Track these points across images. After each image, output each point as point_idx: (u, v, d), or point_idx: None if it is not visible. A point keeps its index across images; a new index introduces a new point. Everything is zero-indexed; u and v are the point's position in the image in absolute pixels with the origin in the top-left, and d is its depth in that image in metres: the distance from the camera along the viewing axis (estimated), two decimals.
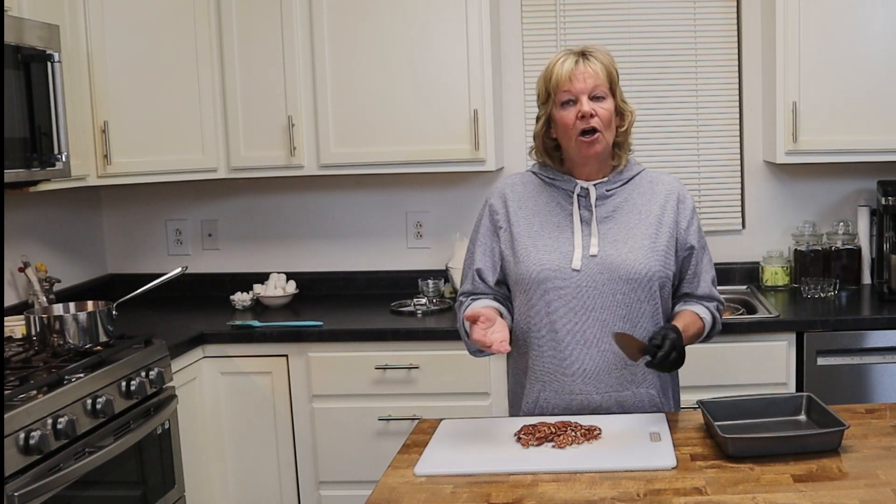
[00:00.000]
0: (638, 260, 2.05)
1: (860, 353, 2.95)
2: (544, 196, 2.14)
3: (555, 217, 2.11)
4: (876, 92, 3.12)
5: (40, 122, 2.62)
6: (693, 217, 2.15)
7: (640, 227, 2.08)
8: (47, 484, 2.15)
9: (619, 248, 2.06)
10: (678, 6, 3.51)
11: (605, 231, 2.08)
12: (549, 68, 2.08)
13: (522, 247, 2.09)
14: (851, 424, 1.86)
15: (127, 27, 3.11)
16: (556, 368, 2.08)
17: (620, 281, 2.04)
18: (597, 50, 2.08)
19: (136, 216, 3.79)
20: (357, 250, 3.71)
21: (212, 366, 3.13)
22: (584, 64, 2.04)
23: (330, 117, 3.29)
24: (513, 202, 2.15)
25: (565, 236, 2.08)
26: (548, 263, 2.06)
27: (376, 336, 3.09)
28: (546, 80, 2.08)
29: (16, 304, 3.13)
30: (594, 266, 2.05)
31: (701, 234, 2.18)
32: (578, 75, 2.02)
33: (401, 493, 1.71)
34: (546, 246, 2.08)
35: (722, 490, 1.64)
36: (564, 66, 2.04)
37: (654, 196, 2.12)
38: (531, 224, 2.11)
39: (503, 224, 2.14)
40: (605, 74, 2.05)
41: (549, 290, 2.06)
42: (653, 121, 3.54)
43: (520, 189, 2.17)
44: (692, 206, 2.16)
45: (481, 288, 2.16)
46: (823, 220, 3.52)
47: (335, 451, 3.13)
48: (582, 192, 2.10)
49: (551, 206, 2.12)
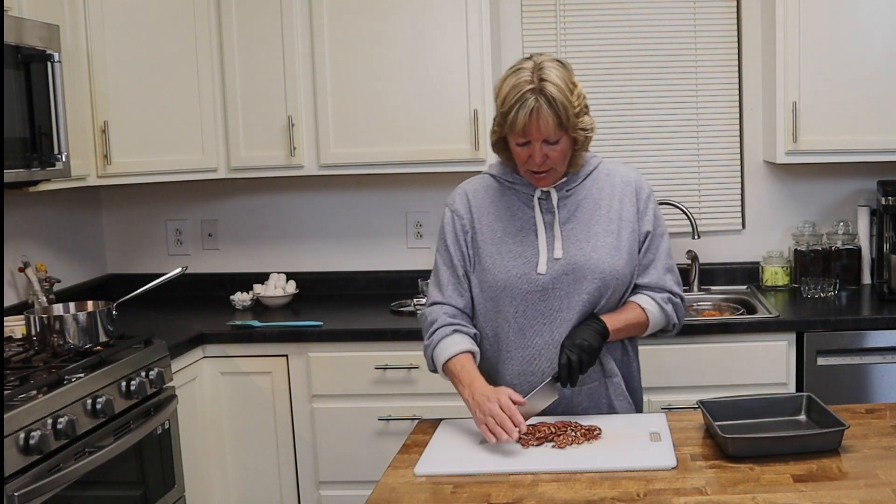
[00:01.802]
0: (602, 259, 2.04)
1: (860, 353, 2.95)
2: (505, 200, 2.11)
3: (517, 221, 2.09)
4: (876, 92, 3.12)
5: (40, 122, 2.61)
6: (649, 203, 2.12)
7: (601, 223, 2.07)
8: (47, 484, 2.15)
9: (583, 247, 2.05)
10: (678, 6, 3.51)
11: (568, 232, 2.07)
12: (504, 95, 1.95)
13: (487, 254, 2.08)
14: (851, 424, 1.86)
15: (127, 27, 3.11)
16: (526, 370, 2.07)
17: (586, 281, 2.04)
18: (551, 81, 1.93)
19: (136, 216, 3.79)
20: (357, 250, 3.71)
21: (212, 366, 3.13)
22: (536, 114, 1.92)
23: (330, 117, 3.29)
24: (476, 208, 2.12)
25: (529, 240, 2.07)
26: (513, 270, 2.05)
27: (376, 336, 3.08)
28: (500, 108, 1.97)
29: (16, 304, 3.13)
30: (559, 268, 2.04)
31: (658, 221, 2.14)
32: (532, 129, 1.94)
33: (401, 493, 1.72)
34: (511, 252, 2.06)
35: (722, 490, 1.65)
36: (520, 115, 1.92)
37: (613, 189, 2.11)
38: (494, 230, 2.09)
39: (468, 229, 2.12)
40: (558, 123, 1.94)
41: (516, 296, 2.05)
42: (653, 121, 3.55)
43: (481, 194, 2.14)
44: (648, 192, 2.13)
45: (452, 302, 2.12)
46: (823, 220, 3.52)
47: (335, 451, 3.13)
48: (542, 195, 2.09)
49: (513, 210, 2.10)
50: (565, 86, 1.95)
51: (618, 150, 3.55)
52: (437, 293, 2.14)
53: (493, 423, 1.87)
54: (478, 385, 1.98)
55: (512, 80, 1.96)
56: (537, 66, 1.96)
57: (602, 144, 3.54)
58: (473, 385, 1.98)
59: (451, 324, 2.09)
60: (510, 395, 1.92)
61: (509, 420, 1.86)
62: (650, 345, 2.91)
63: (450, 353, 2.05)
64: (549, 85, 1.93)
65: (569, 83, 1.97)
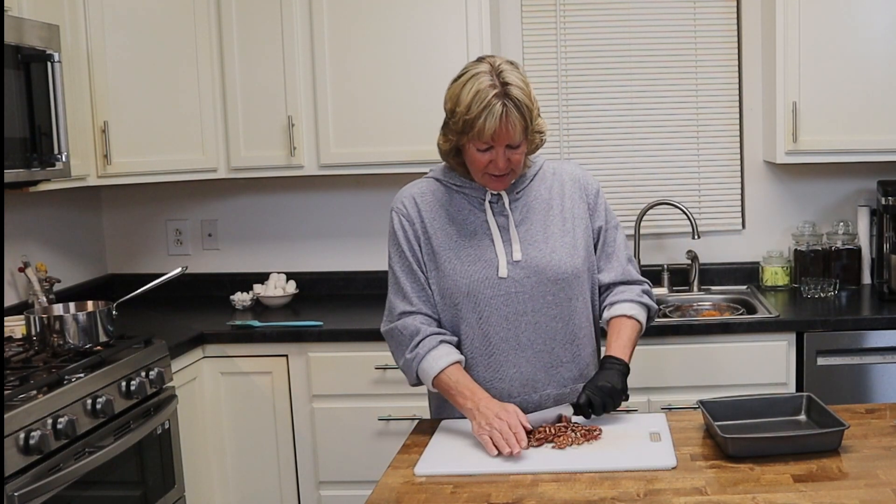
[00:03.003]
0: (562, 259, 2.03)
1: (860, 353, 2.95)
2: (455, 203, 2.06)
3: (470, 225, 2.05)
4: (876, 92, 3.12)
5: (40, 122, 2.61)
6: (598, 198, 2.11)
7: (555, 223, 2.06)
8: (47, 484, 2.15)
9: (541, 248, 2.04)
10: (678, 6, 3.51)
11: (524, 233, 2.05)
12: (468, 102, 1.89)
13: (446, 259, 2.04)
14: (851, 424, 1.86)
15: (127, 27, 3.11)
16: (492, 376, 2.04)
17: (549, 282, 2.03)
18: (515, 84, 1.90)
19: (136, 216, 3.79)
20: (357, 250, 3.71)
21: (212, 366, 3.13)
22: (506, 119, 1.88)
23: (330, 117, 3.29)
24: (426, 212, 2.06)
25: (485, 244, 2.04)
26: (474, 275, 2.02)
27: (376, 336, 3.04)
28: (463, 115, 1.90)
29: (16, 304, 3.13)
30: (520, 271, 2.02)
31: (609, 213, 2.13)
32: (501, 135, 1.90)
33: (401, 493, 1.71)
34: (469, 256, 2.03)
35: (722, 490, 1.64)
36: (488, 122, 1.87)
37: (563, 188, 2.09)
38: (448, 234, 2.04)
39: (421, 234, 2.06)
40: (525, 127, 1.92)
41: (479, 301, 2.02)
42: (653, 121, 3.55)
43: (429, 197, 2.08)
44: (596, 188, 2.12)
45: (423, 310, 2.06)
46: (823, 220, 3.52)
47: (335, 451, 3.13)
48: (493, 198, 2.06)
49: (464, 213, 2.05)
50: (527, 88, 1.94)
51: (618, 151, 3.56)
52: (402, 304, 2.07)
53: (498, 437, 1.86)
54: (482, 396, 1.96)
55: (472, 85, 1.90)
56: (495, 70, 1.91)
57: (602, 145, 3.55)
58: (477, 396, 1.96)
59: (435, 333, 2.04)
60: (518, 415, 1.90)
61: (514, 437, 1.85)
62: (650, 345, 2.91)
63: (440, 366, 2.00)
64: (514, 88, 1.90)
65: (527, 85, 1.94)
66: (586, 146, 3.57)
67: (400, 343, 2.07)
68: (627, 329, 2.08)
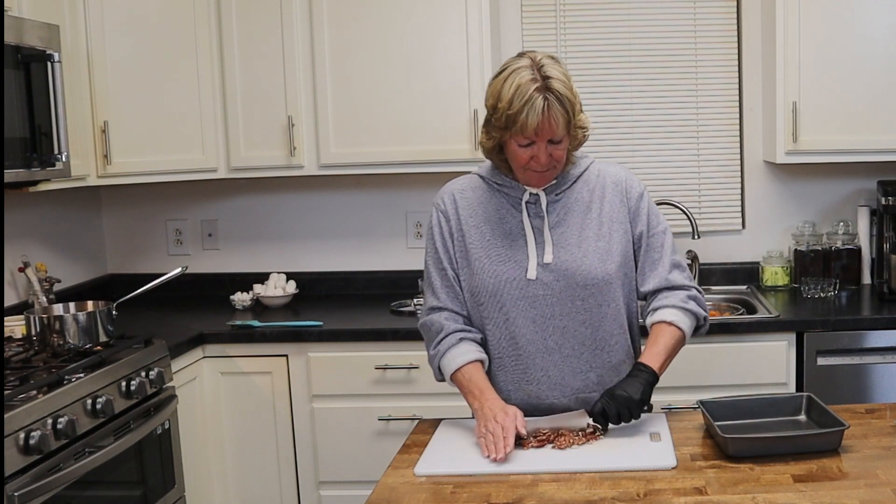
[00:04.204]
0: (593, 264, 2.00)
1: (860, 353, 2.95)
2: (494, 202, 2.05)
3: (506, 224, 2.04)
4: (876, 92, 3.11)
5: (40, 122, 2.61)
6: (640, 203, 2.05)
7: (591, 227, 2.02)
8: (47, 484, 2.15)
9: (573, 252, 2.00)
10: (678, 6, 3.51)
11: (558, 236, 2.02)
12: (510, 97, 1.88)
13: (476, 258, 2.03)
14: (851, 424, 1.86)
15: (127, 27, 3.11)
16: (521, 377, 2.04)
17: (578, 287, 1.99)
18: (556, 77, 1.88)
19: (136, 216, 3.79)
20: (357, 250, 3.71)
21: (212, 366, 3.13)
22: (548, 113, 1.87)
23: (330, 117, 3.29)
24: (464, 209, 2.06)
25: (518, 244, 2.02)
26: (502, 275, 2.01)
27: (376, 336, 3.09)
28: (505, 111, 1.89)
29: (16, 304, 3.13)
30: (549, 274, 2.00)
31: (654, 218, 2.07)
32: (543, 129, 1.88)
33: (401, 493, 1.72)
34: (499, 256, 2.02)
35: (722, 490, 1.64)
36: (531, 116, 1.86)
37: (604, 191, 2.05)
38: (483, 233, 2.04)
39: (455, 231, 2.07)
40: (566, 120, 1.90)
41: (505, 302, 2.01)
42: (653, 121, 3.55)
43: (469, 194, 2.08)
44: (639, 192, 2.06)
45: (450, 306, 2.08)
46: (823, 220, 3.52)
47: (335, 451, 3.13)
48: (531, 198, 2.04)
49: (501, 212, 2.04)
50: (568, 81, 1.91)
51: (618, 150, 3.55)
52: (432, 298, 2.09)
53: (489, 440, 1.87)
54: (488, 397, 1.96)
55: (513, 80, 1.88)
56: (536, 64, 1.90)
57: (602, 144, 3.54)
58: (484, 397, 1.96)
59: (458, 331, 2.05)
60: (517, 416, 1.90)
61: (502, 441, 1.84)
62: None
63: (457, 363, 2.01)
64: (555, 82, 1.87)
65: (569, 79, 1.93)
66: (586, 146, 3.54)
67: (428, 338, 2.10)
68: (665, 336, 2.00)
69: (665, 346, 1.99)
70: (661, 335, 2.00)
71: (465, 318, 2.09)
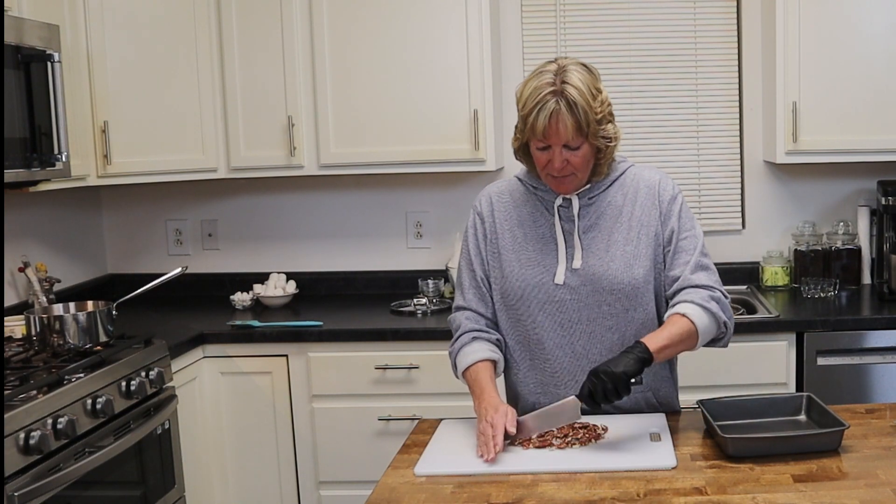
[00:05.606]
0: (619, 269, 1.98)
1: (860, 353, 2.95)
2: (529, 206, 2.07)
3: (539, 228, 2.04)
4: (876, 92, 3.12)
5: (40, 122, 2.61)
6: (672, 205, 2.03)
7: (621, 232, 2.01)
8: (47, 484, 2.15)
9: (602, 257, 2.00)
10: (678, 6, 3.51)
11: (588, 241, 2.02)
12: (525, 98, 1.91)
13: (507, 261, 2.04)
14: (851, 424, 1.86)
15: (127, 27, 3.11)
16: (549, 381, 2.05)
17: (605, 292, 1.99)
18: (573, 84, 1.88)
19: (136, 216, 3.79)
20: (357, 250, 3.71)
21: (212, 366, 3.13)
22: (556, 117, 1.87)
23: (330, 117, 3.29)
24: (499, 211, 2.09)
25: (550, 248, 2.02)
26: (531, 279, 2.01)
27: (376, 336, 3.09)
28: (521, 111, 1.92)
29: (16, 304, 3.13)
30: (577, 279, 1.99)
31: (686, 220, 2.03)
32: (552, 132, 1.88)
33: (401, 493, 1.72)
34: (529, 259, 2.03)
35: (722, 490, 1.64)
36: (539, 118, 1.87)
37: (636, 194, 2.04)
38: (515, 236, 2.05)
39: (489, 233, 2.09)
40: (578, 127, 1.89)
41: (532, 306, 2.02)
42: (653, 121, 3.55)
43: (506, 197, 2.10)
44: (671, 194, 2.03)
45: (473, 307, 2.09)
46: (823, 220, 3.52)
47: (335, 451, 3.13)
48: (563, 202, 2.03)
49: (535, 215, 2.05)
50: (587, 90, 1.90)
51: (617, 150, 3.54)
52: (460, 297, 2.13)
53: (481, 440, 1.87)
54: (486, 397, 1.96)
55: (533, 82, 1.90)
56: (561, 69, 1.90)
57: None
58: (482, 396, 1.97)
59: (472, 330, 2.07)
60: (507, 413, 1.88)
61: (491, 440, 1.84)
62: None
63: (467, 361, 2.03)
64: (570, 88, 1.87)
65: (592, 88, 1.91)
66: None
67: (452, 335, 2.13)
68: (674, 325, 1.92)
69: (669, 333, 1.91)
70: (669, 324, 1.94)
71: (487, 319, 2.10)
